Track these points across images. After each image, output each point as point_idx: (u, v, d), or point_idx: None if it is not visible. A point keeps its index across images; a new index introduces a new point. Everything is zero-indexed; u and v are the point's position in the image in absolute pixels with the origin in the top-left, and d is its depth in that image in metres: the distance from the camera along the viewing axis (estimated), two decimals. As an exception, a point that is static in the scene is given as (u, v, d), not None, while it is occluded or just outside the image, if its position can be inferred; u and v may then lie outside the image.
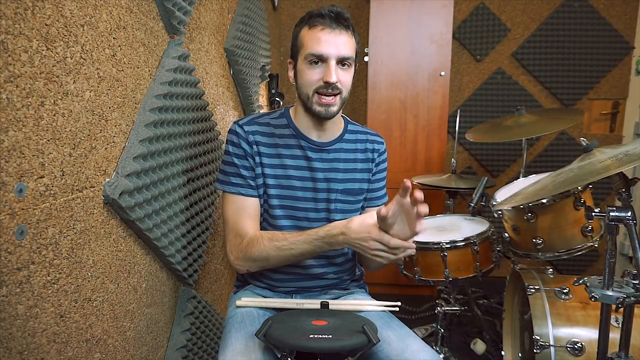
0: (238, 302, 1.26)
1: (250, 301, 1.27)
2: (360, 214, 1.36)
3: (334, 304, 1.21)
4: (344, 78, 1.18)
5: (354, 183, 1.32)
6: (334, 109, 1.19)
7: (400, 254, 1.07)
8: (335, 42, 1.15)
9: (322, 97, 1.17)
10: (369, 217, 1.08)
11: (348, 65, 1.19)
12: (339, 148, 1.30)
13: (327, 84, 1.15)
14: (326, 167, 1.28)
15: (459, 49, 3.12)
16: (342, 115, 1.34)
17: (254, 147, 1.24)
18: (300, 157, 1.27)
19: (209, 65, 1.66)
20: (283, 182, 1.26)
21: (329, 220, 1.26)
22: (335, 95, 1.18)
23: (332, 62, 1.15)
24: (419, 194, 0.97)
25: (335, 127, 1.30)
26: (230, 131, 1.26)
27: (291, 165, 1.27)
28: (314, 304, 1.20)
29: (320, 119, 1.22)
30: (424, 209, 0.98)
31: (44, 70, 0.79)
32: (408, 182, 0.97)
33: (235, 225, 1.23)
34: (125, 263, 1.09)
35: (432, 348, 1.13)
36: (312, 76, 1.17)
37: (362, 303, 1.27)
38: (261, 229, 1.28)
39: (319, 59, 1.16)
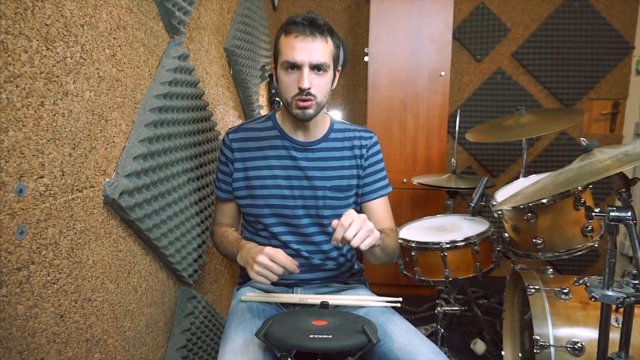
0: (243, 297, 1.30)
1: (254, 296, 1.30)
2: (354, 209, 1.37)
3: (336, 299, 1.25)
4: (318, 83, 1.22)
5: (342, 180, 1.34)
6: (310, 111, 1.24)
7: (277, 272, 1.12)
8: (308, 50, 1.19)
9: (299, 101, 1.22)
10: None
11: (324, 71, 1.22)
12: (324, 147, 1.34)
13: (301, 90, 1.20)
14: (312, 166, 1.32)
15: (459, 49, 3.12)
16: (327, 114, 1.39)
17: (234, 153, 1.35)
18: (286, 157, 1.33)
19: (209, 65, 1.66)
20: (269, 182, 1.32)
21: (319, 217, 1.33)
22: (310, 100, 1.22)
23: (306, 69, 1.20)
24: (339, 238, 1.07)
25: (320, 127, 1.35)
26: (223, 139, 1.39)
27: (277, 166, 1.32)
28: (316, 298, 1.23)
29: (300, 121, 1.28)
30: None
31: (44, 70, 0.79)
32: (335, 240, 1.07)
33: (215, 215, 1.48)
34: (125, 263, 1.09)
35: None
36: (288, 82, 1.23)
37: (364, 299, 1.29)
38: (252, 228, 1.39)
39: (294, 66, 1.20)
